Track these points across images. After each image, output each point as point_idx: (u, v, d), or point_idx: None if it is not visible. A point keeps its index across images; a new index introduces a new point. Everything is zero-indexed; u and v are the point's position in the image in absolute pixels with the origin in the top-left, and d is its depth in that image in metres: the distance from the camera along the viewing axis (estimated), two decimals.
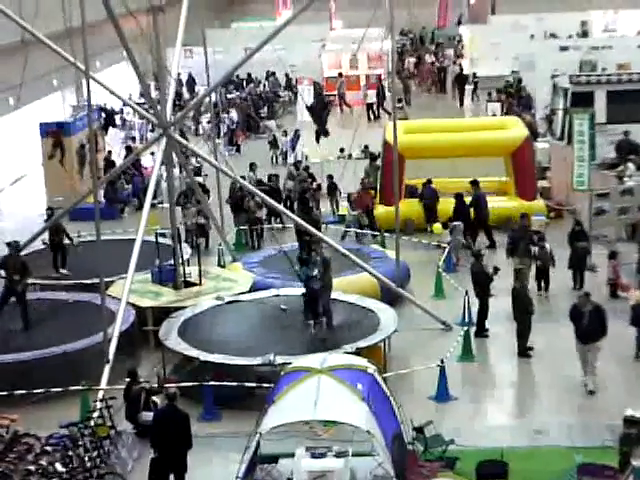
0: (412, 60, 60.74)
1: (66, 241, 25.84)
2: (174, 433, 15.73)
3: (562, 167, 30.35)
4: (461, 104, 51.64)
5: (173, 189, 24.88)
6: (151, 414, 17.06)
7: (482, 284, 22.23)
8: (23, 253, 25.33)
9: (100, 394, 18.48)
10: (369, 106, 49.05)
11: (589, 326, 18.95)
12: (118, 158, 37.09)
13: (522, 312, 20.71)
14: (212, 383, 18.60)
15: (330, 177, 31.75)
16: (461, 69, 55.24)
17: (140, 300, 22.59)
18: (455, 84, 53.85)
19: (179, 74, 48.43)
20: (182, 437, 15.79)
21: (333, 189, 31.74)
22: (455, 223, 27.68)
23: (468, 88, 52.37)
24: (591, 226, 27.67)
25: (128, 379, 18.19)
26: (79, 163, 36.76)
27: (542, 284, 24.07)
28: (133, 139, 42.91)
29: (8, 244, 22.65)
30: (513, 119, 33.90)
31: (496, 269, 22.49)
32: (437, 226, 28.52)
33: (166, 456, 15.81)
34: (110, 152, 38.53)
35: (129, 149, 36.85)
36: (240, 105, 48.75)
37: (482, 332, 22.07)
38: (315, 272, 21.03)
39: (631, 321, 20.24)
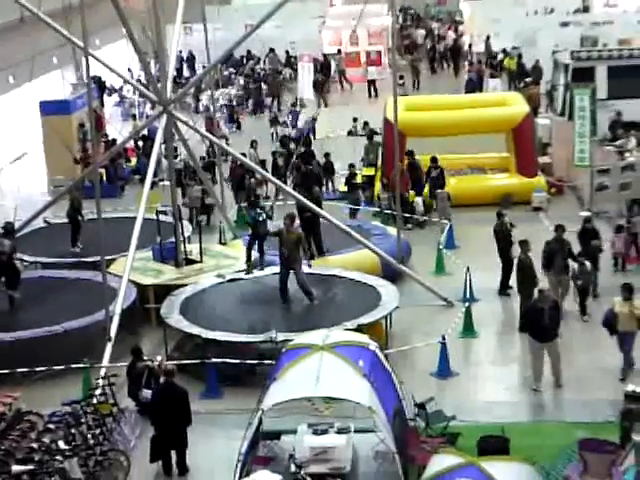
0: (421, 32, 59.68)
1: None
2: (173, 409, 15.80)
3: (563, 143, 30.31)
4: (456, 75, 51.46)
5: (173, 166, 24.87)
6: (151, 392, 17.11)
7: (503, 242, 22.52)
8: (25, 231, 25.50)
9: (102, 372, 18.53)
10: (370, 83, 48.91)
11: (549, 323, 18.30)
12: (119, 135, 36.98)
13: (526, 283, 20.69)
14: (214, 360, 18.65)
15: (327, 155, 31.65)
16: (455, 41, 55.06)
17: (142, 278, 22.63)
18: (450, 56, 53.95)
19: (180, 51, 48.35)
20: (181, 413, 15.87)
21: (329, 167, 31.60)
22: (439, 191, 28.03)
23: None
24: (592, 202, 27.68)
25: (132, 357, 18.22)
26: (80, 142, 36.71)
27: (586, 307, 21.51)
28: (133, 116, 42.87)
29: None
30: (514, 95, 33.86)
31: (512, 225, 22.80)
32: (412, 194, 28.62)
33: (166, 433, 15.89)
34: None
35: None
36: (272, 82, 48.54)
37: (504, 291, 22.68)
38: (263, 216, 21.75)
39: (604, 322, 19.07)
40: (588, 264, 21.47)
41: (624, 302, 18.47)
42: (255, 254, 22.63)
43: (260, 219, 22.29)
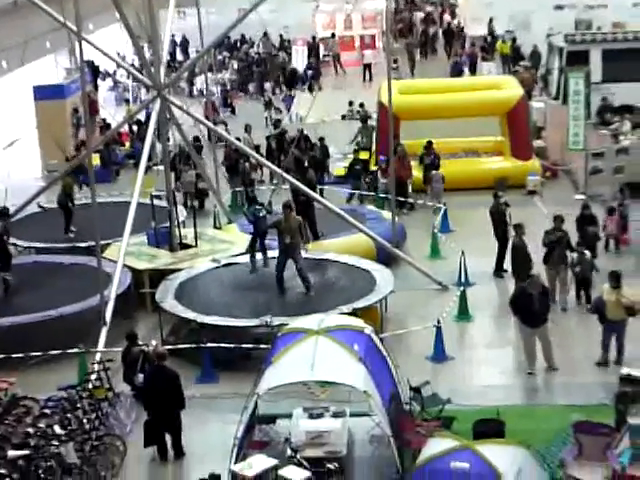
0: (420, 15, 59.35)
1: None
2: (164, 393, 15.80)
3: (557, 127, 30.31)
4: (449, 59, 51.24)
5: (167, 151, 24.83)
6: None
7: (499, 223, 22.65)
8: (19, 216, 25.46)
9: (97, 356, 18.53)
10: (366, 67, 48.79)
11: (539, 309, 18.27)
12: (112, 120, 36.96)
13: (521, 267, 20.66)
14: (209, 345, 18.66)
15: (321, 139, 31.60)
16: (448, 24, 54.97)
17: (136, 262, 22.60)
18: (444, 39, 53.84)
19: (173, 35, 48.20)
20: (173, 396, 15.87)
21: (324, 151, 31.53)
22: (434, 172, 28.10)
23: None
24: (586, 185, 27.69)
25: (127, 341, 18.20)
26: (74, 127, 36.67)
27: (582, 295, 21.16)
28: (127, 101, 42.79)
29: None
30: (508, 78, 33.84)
31: (506, 204, 23.07)
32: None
33: (159, 417, 15.91)
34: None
35: None
36: (272, 65, 48.38)
37: (499, 272, 22.80)
38: (263, 212, 21.67)
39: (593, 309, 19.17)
40: (588, 253, 21.17)
41: (612, 290, 18.35)
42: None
43: (260, 215, 22.15)
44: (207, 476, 13.97)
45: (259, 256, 22.17)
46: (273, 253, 21.92)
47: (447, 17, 57.63)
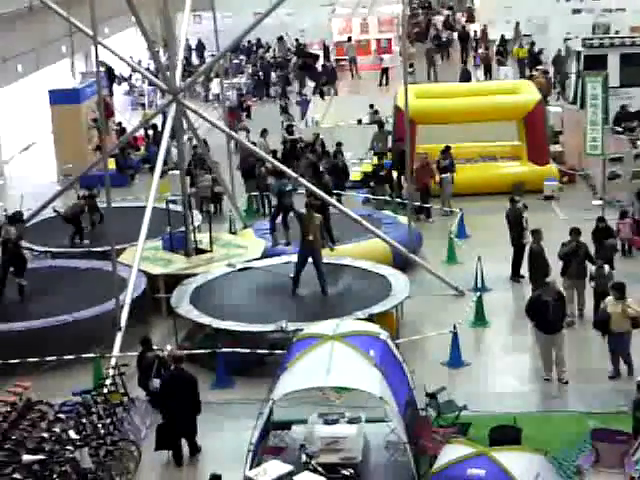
0: (440, 18, 59.06)
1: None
2: (181, 396, 15.77)
3: (575, 131, 30.18)
4: (462, 62, 51.05)
5: (183, 155, 24.81)
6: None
7: (514, 227, 22.59)
8: (35, 221, 25.49)
9: (112, 361, 18.50)
10: (384, 70, 48.69)
11: (554, 315, 18.08)
12: (128, 125, 36.99)
13: (539, 272, 20.51)
14: (225, 350, 18.60)
15: (338, 144, 31.52)
16: (463, 27, 54.82)
17: (151, 267, 22.57)
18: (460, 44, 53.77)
19: (187, 39, 48.27)
20: (190, 401, 15.82)
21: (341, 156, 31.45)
22: (444, 175, 28.02)
23: None
24: (604, 190, 27.55)
25: (142, 347, 18.17)
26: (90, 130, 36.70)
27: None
28: (142, 105, 42.86)
29: None
30: (525, 82, 33.72)
31: (525, 206, 23.10)
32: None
33: (174, 421, 15.85)
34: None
35: None
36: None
37: (515, 277, 22.81)
38: (289, 187, 21.53)
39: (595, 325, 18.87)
40: (607, 267, 20.59)
41: (616, 302, 18.06)
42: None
43: (286, 189, 21.93)
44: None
45: (272, 264, 22.14)
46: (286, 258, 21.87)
47: (462, 20, 57.53)
